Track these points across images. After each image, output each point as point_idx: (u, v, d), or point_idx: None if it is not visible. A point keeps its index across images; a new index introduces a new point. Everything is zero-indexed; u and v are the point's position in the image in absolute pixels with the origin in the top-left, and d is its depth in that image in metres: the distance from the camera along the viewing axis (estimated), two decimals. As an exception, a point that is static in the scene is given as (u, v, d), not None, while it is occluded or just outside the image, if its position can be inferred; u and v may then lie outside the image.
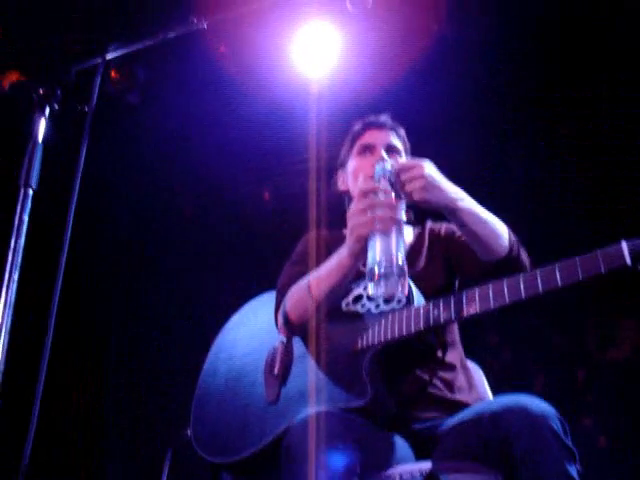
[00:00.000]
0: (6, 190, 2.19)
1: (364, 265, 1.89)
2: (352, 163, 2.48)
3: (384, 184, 1.95)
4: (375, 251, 1.83)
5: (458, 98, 4.79)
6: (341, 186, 2.56)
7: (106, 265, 5.52)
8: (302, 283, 2.19)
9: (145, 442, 5.41)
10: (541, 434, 1.80)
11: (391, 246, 1.82)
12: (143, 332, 5.76)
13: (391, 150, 2.44)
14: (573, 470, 1.80)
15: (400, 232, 1.87)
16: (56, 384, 5.18)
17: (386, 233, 1.84)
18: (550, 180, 5.26)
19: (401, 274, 1.79)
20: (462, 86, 4.73)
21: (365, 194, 1.94)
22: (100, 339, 5.69)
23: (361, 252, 1.95)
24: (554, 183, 5.24)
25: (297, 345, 2.26)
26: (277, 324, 2.29)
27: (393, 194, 1.93)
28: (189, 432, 2.30)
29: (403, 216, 1.92)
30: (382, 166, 1.99)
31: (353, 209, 1.94)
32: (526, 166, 5.30)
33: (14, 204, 1.89)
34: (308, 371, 2.15)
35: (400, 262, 1.80)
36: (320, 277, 2.13)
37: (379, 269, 1.79)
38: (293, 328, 2.21)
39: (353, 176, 2.45)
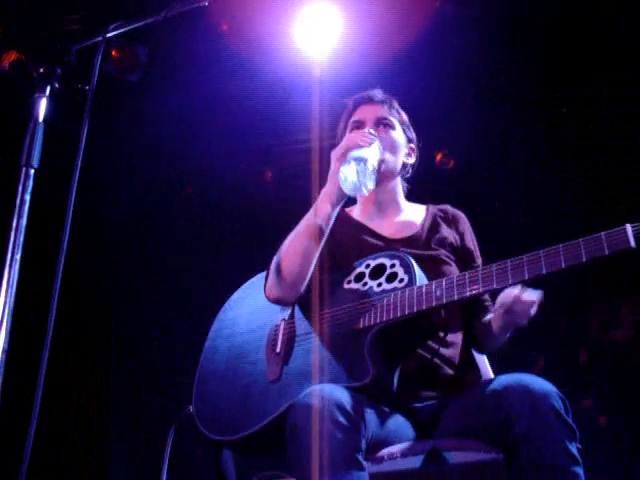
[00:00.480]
0: (7, 170, 2.19)
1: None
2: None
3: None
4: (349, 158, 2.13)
5: (459, 77, 4.81)
6: None
7: (106, 258, 5.52)
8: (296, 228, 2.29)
9: (145, 442, 5.41)
10: (542, 413, 1.81)
11: (363, 150, 2.12)
12: (143, 332, 5.76)
13: (382, 123, 2.46)
14: (574, 448, 1.81)
15: (376, 151, 2.18)
16: (56, 384, 5.19)
17: (362, 146, 2.15)
18: (550, 174, 5.28)
19: (366, 166, 2.08)
20: (463, 65, 4.75)
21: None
22: (100, 339, 5.68)
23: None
24: (554, 180, 5.26)
25: (299, 323, 2.26)
26: (265, 289, 2.30)
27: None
28: (191, 409, 2.30)
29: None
30: None
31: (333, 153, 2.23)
32: (527, 146, 5.31)
33: (16, 184, 1.89)
34: (310, 350, 2.14)
35: (371, 161, 2.10)
36: (313, 211, 2.24)
37: (349, 159, 2.09)
38: (284, 279, 2.22)
39: None
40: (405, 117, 2.54)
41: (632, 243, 1.77)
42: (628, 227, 1.79)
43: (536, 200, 5.40)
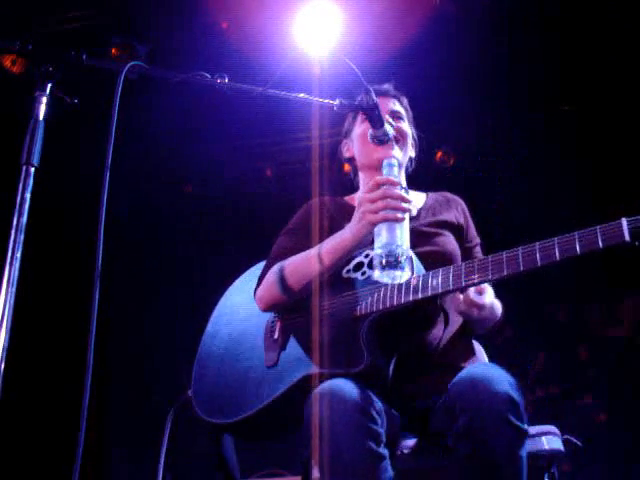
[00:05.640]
0: (8, 168, 2.20)
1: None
2: (358, 129, 2.50)
3: (396, 176, 2.04)
4: (383, 239, 1.94)
5: (458, 75, 4.82)
6: (346, 153, 2.61)
7: (105, 255, 5.52)
8: (303, 255, 2.24)
9: (145, 434, 5.41)
10: (484, 411, 1.80)
11: (398, 236, 1.93)
12: (143, 327, 5.78)
13: (395, 116, 2.48)
14: (519, 450, 1.79)
15: (407, 223, 1.97)
16: (53, 381, 5.19)
17: (394, 223, 1.95)
18: (550, 173, 5.28)
19: (406, 264, 1.90)
20: (462, 64, 4.75)
21: (378, 185, 2.01)
22: (99, 334, 5.67)
23: (365, 236, 2.06)
24: (554, 180, 5.26)
25: (298, 311, 2.28)
26: (255, 295, 2.32)
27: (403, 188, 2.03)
28: (189, 393, 2.32)
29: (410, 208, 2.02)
30: (388, 161, 2.08)
31: (365, 197, 2.02)
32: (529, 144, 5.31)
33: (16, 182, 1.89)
34: (308, 336, 2.16)
35: (406, 252, 1.91)
36: (320, 255, 2.18)
37: (386, 258, 1.89)
38: (282, 298, 2.24)
39: (359, 140, 2.48)
40: (411, 114, 2.60)
41: (627, 237, 1.77)
42: (624, 221, 1.79)
43: (536, 199, 5.41)
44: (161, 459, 3.09)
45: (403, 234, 1.95)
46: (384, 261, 1.89)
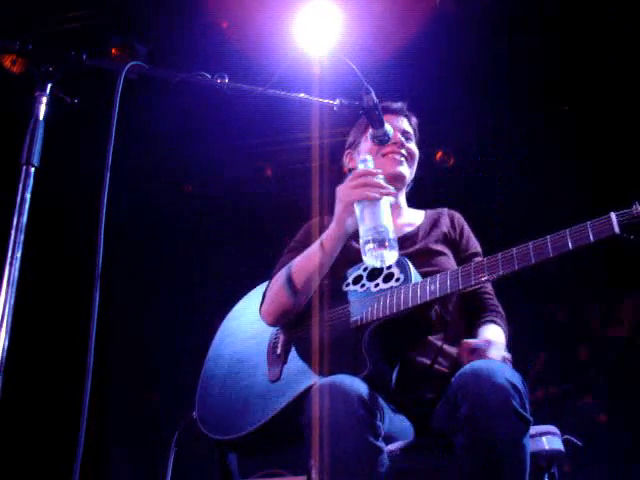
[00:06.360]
0: (8, 168, 2.20)
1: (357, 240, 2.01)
2: (367, 143, 2.45)
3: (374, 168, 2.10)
4: (367, 224, 1.98)
5: (459, 72, 4.81)
6: (349, 163, 2.62)
7: (105, 258, 5.51)
8: (304, 254, 2.28)
9: (147, 445, 5.41)
10: (486, 399, 1.79)
11: (381, 218, 1.97)
12: (144, 333, 5.77)
13: (405, 136, 2.52)
14: (523, 437, 1.79)
15: (387, 207, 2.01)
16: (54, 385, 5.19)
17: (374, 203, 1.99)
18: (550, 173, 5.27)
19: (393, 243, 1.94)
20: (462, 64, 4.75)
21: (358, 175, 2.08)
22: (100, 341, 5.66)
23: (348, 220, 2.11)
24: (554, 180, 5.26)
25: (300, 326, 2.30)
26: (261, 311, 2.34)
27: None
28: (194, 414, 2.33)
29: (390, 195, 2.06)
30: (363, 157, 2.17)
31: (344, 186, 2.10)
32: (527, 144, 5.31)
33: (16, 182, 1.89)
34: (310, 349, 2.18)
35: (388, 234, 1.95)
36: (321, 244, 2.21)
37: (372, 240, 1.94)
38: (286, 308, 2.25)
39: (368, 153, 2.46)
40: (418, 135, 2.61)
41: (616, 230, 1.79)
42: (613, 215, 1.82)
43: (536, 199, 5.40)
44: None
45: (386, 217, 1.98)
46: (370, 244, 1.93)
